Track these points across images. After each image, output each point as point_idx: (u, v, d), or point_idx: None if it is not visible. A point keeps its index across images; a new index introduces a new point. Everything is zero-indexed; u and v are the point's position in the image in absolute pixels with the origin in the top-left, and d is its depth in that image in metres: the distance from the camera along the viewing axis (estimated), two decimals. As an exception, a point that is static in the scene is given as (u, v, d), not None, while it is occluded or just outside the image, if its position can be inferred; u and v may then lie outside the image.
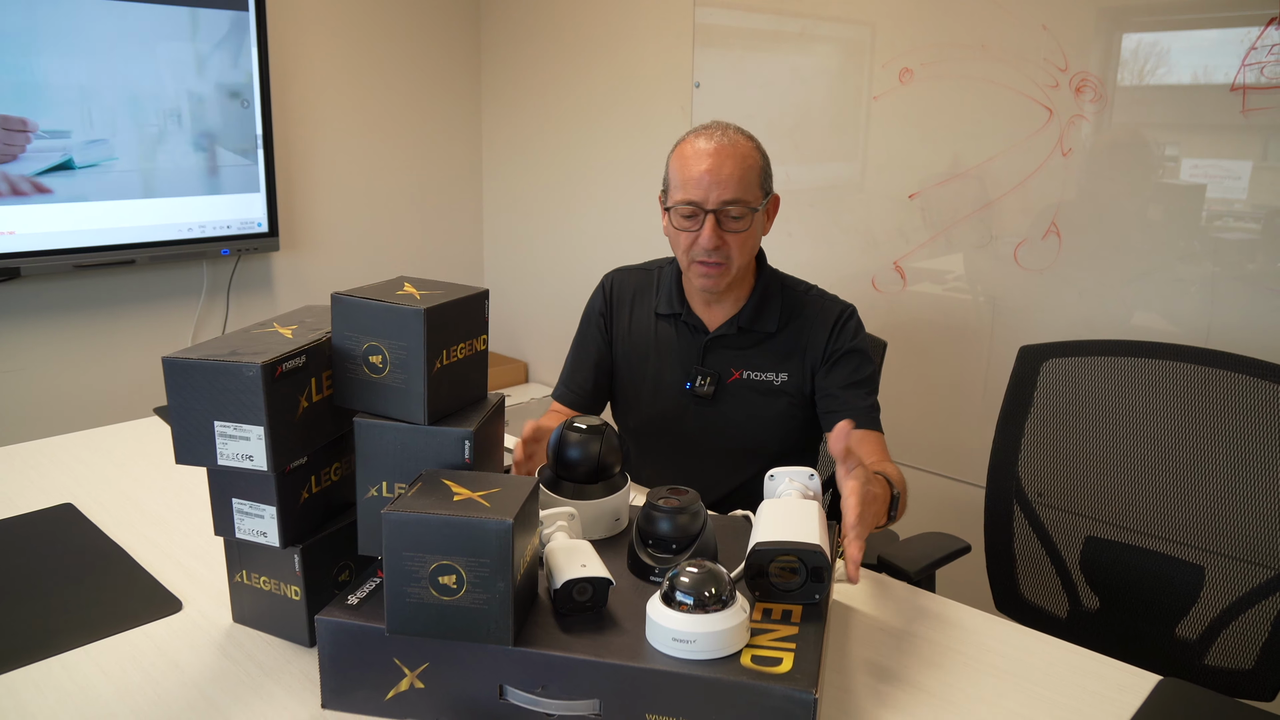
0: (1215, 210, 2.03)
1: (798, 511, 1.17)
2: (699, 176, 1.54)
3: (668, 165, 1.63)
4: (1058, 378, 1.71)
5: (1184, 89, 2.02)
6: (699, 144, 1.57)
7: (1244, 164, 1.97)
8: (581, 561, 1.06)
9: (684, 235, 1.59)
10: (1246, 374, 1.52)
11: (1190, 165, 2.05)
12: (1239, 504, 1.52)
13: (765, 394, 1.66)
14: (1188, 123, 2.04)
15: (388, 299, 1.09)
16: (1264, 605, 1.48)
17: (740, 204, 1.55)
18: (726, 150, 1.55)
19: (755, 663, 0.97)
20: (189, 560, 1.40)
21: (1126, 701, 1.11)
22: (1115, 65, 2.10)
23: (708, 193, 1.54)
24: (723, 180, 1.54)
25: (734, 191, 1.54)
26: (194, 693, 1.08)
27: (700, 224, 1.56)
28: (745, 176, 1.56)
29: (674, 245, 1.65)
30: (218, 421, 1.06)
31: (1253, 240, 1.99)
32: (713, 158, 1.54)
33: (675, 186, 1.59)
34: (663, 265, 1.79)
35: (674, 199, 1.59)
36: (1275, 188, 1.95)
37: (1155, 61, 2.06)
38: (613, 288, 1.81)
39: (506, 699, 1.00)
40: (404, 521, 0.96)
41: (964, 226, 2.41)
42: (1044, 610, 1.72)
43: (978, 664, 1.19)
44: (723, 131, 1.58)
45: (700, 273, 1.60)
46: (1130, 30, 2.08)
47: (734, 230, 1.57)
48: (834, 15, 2.60)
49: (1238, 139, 1.97)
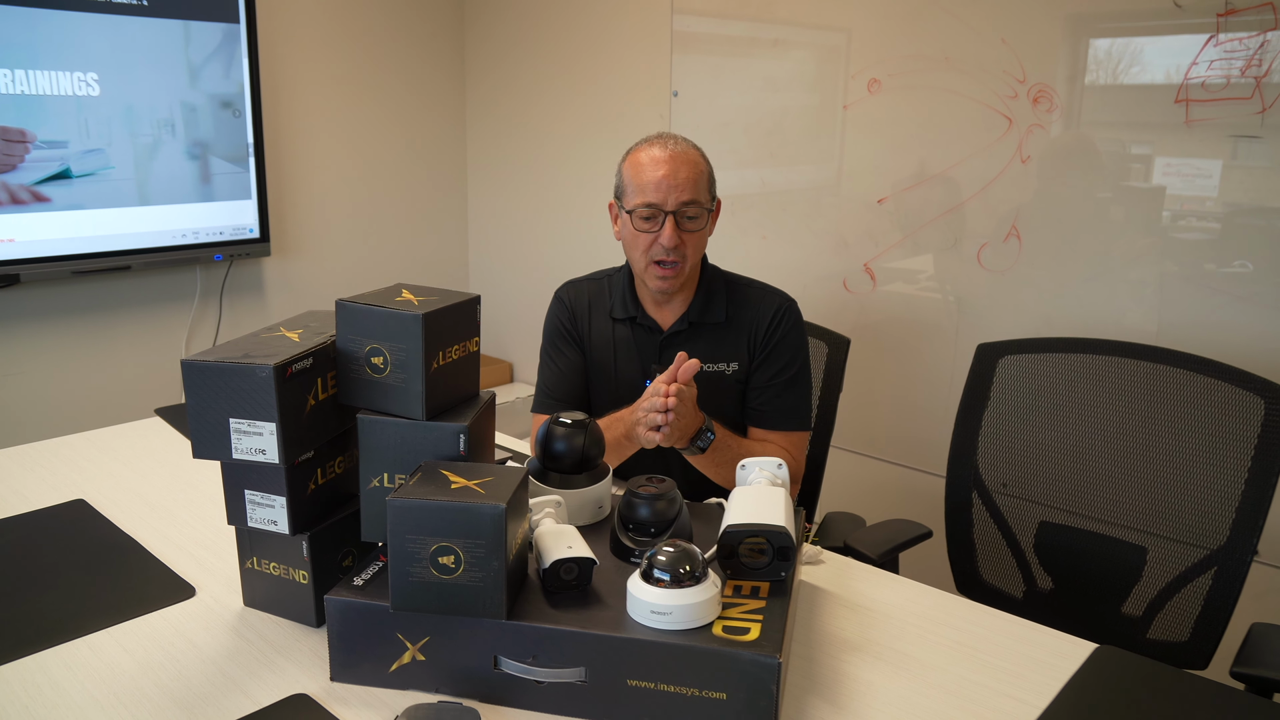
0: (1165, 213, 2.15)
1: (766, 497, 1.27)
2: (658, 181, 1.66)
3: (620, 173, 1.74)
4: (1013, 373, 1.82)
5: (1134, 99, 2.14)
6: (654, 151, 1.69)
7: (1193, 167, 2.09)
8: (568, 544, 1.16)
9: (644, 237, 1.69)
10: (1185, 369, 1.64)
11: (1142, 170, 2.17)
12: (1177, 490, 1.64)
13: (718, 384, 1.77)
14: (1139, 131, 2.16)
15: (388, 305, 1.19)
16: (1198, 582, 1.60)
17: (696, 205, 1.68)
18: (681, 157, 1.68)
19: (726, 632, 1.08)
20: (198, 550, 1.50)
21: (1065, 667, 1.23)
22: (1070, 77, 2.22)
23: (666, 195, 1.66)
24: (680, 183, 1.66)
25: (690, 193, 1.67)
26: (212, 669, 1.18)
27: (660, 225, 1.67)
28: (698, 181, 1.69)
29: (630, 248, 1.74)
30: (233, 419, 1.16)
31: (1199, 241, 2.10)
32: (669, 164, 1.67)
33: (633, 191, 1.70)
34: (610, 274, 1.89)
35: (633, 202, 1.69)
36: (1224, 190, 2.06)
37: (1107, 73, 2.17)
38: (571, 298, 1.88)
39: (500, 668, 1.10)
40: (407, 507, 1.06)
41: (930, 230, 2.52)
42: (1002, 591, 1.84)
43: (931, 636, 1.30)
44: (674, 140, 1.71)
45: (657, 274, 1.71)
46: (1083, 43, 2.20)
47: (690, 230, 1.69)
48: (809, 23, 2.71)
49: (1186, 146, 2.09)
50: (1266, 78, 1.94)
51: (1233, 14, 1.96)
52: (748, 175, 2.86)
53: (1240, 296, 2.05)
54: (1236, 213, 2.04)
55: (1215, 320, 2.09)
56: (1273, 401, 1.54)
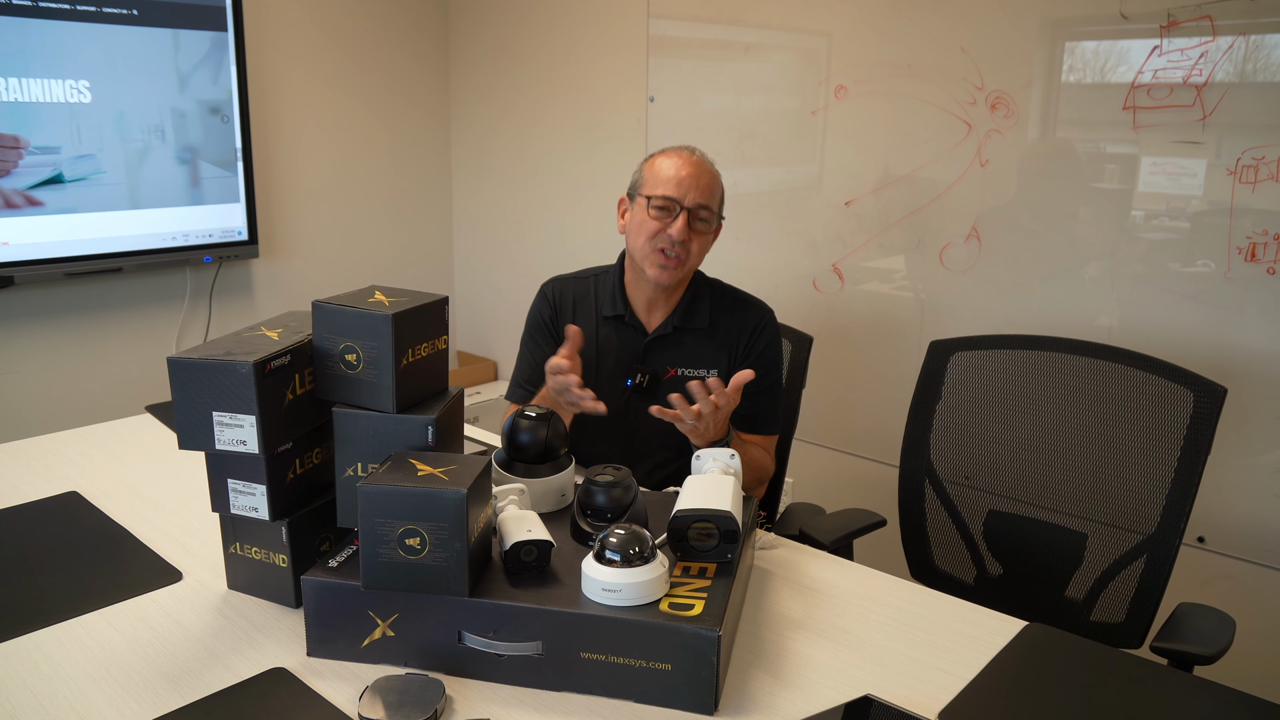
0: (1118, 214, 2.24)
1: (716, 485, 1.36)
2: (682, 178, 1.77)
3: (641, 170, 1.84)
4: (964, 369, 1.91)
5: (1086, 106, 2.24)
6: (682, 155, 1.81)
7: (1143, 171, 2.19)
8: (528, 527, 1.25)
9: (654, 224, 1.78)
10: (1124, 364, 1.73)
11: (1094, 174, 2.26)
12: (1115, 478, 1.73)
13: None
14: (1091, 136, 2.25)
15: (361, 305, 1.28)
16: (1133, 566, 1.69)
17: (709, 210, 1.80)
18: (703, 166, 1.81)
19: (672, 608, 1.17)
20: (185, 538, 1.58)
21: (995, 643, 1.31)
22: (1025, 84, 2.31)
23: (687, 192, 1.77)
24: (701, 186, 1.78)
25: (707, 198, 1.79)
26: (197, 646, 1.26)
27: (674, 217, 1.77)
28: (714, 191, 1.82)
29: (636, 235, 1.82)
30: (215, 412, 1.24)
31: (1151, 241, 2.20)
32: (694, 168, 1.79)
33: (654, 183, 1.79)
34: (598, 274, 1.97)
35: (653, 191, 1.79)
36: (1173, 192, 2.16)
37: (1061, 80, 2.27)
38: (556, 294, 1.97)
39: (464, 643, 1.19)
40: (376, 493, 1.15)
41: (895, 231, 2.61)
42: (954, 577, 1.93)
43: (872, 615, 1.39)
44: (700, 153, 1.84)
45: (659, 262, 1.79)
46: (1038, 52, 2.29)
47: (699, 231, 1.80)
48: (781, 30, 2.80)
49: (1134, 151, 2.18)
50: (1206, 87, 2.04)
51: (1174, 25, 2.05)
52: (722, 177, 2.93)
53: (1188, 295, 2.14)
54: (1185, 214, 2.14)
55: (1167, 318, 2.18)
56: (1201, 395, 1.63)
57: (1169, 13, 2.06)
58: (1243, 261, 2.05)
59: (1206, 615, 1.53)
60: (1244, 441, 2.10)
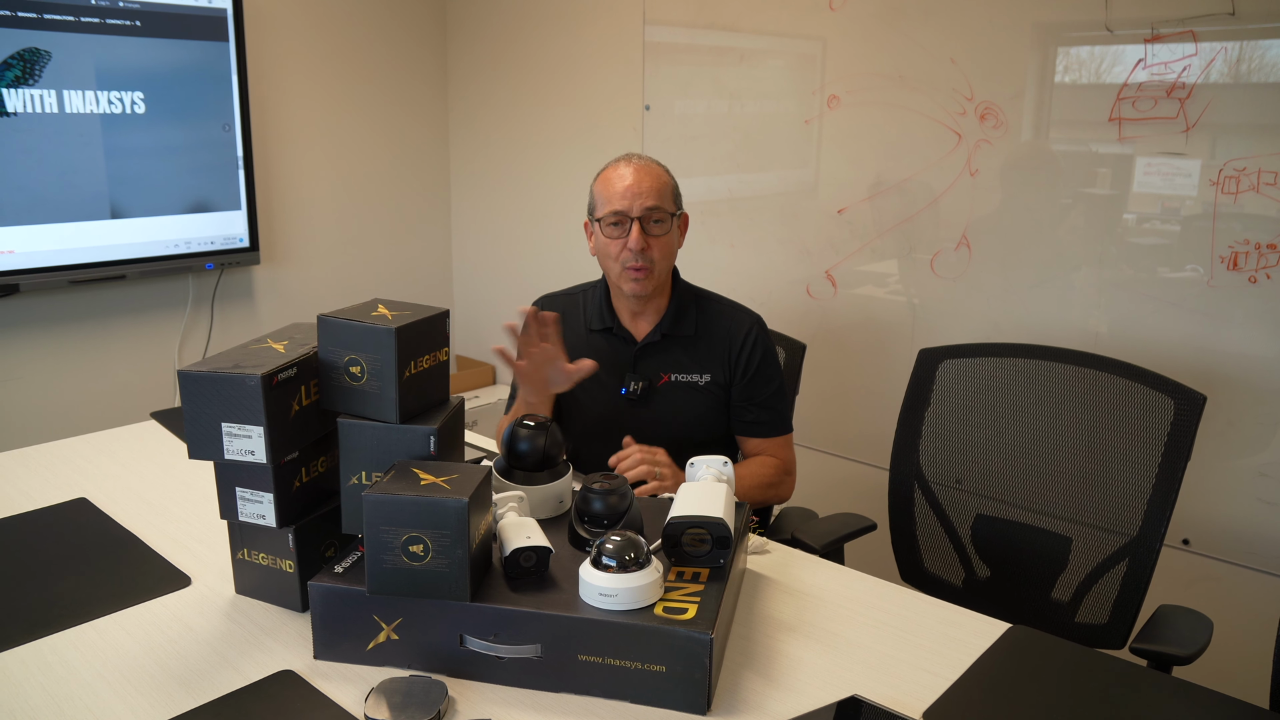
0: (1105, 223, 2.28)
1: (709, 492, 1.40)
2: (623, 191, 1.82)
3: (592, 192, 1.90)
4: (952, 377, 1.96)
5: (1073, 117, 2.28)
6: (620, 168, 1.86)
7: (1129, 182, 2.23)
8: (527, 534, 1.29)
9: (614, 244, 1.84)
10: (1107, 372, 1.77)
11: (1082, 183, 2.30)
12: (1099, 483, 1.78)
13: (691, 393, 1.91)
14: (1078, 147, 2.30)
15: (365, 319, 1.32)
16: (1116, 569, 1.73)
17: (660, 210, 1.83)
18: (643, 170, 1.85)
19: (666, 612, 1.21)
20: (193, 544, 1.62)
21: (979, 644, 1.36)
22: (1014, 95, 2.36)
23: (631, 203, 1.81)
24: (643, 192, 1.82)
25: (654, 200, 1.83)
26: (207, 649, 1.31)
27: (627, 230, 1.82)
28: (661, 190, 1.85)
29: (604, 258, 1.89)
30: (225, 423, 1.28)
31: (1139, 249, 2.24)
32: (634, 175, 1.84)
33: (602, 203, 1.86)
34: (586, 289, 2.03)
35: (602, 212, 1.85)
36: (1161, 201, 2.20)
37: (1048, 91, 2.31)
38: (546, 309, 2.02)
39: (465, 646, 1.23)
40: (381, 501, 1.19)
41: (887, 239, 2.66)
42: (943, 580, 1.97)
43: (861, 618, 1.43)
44: (638, 157, 1.88)
45: (630, 277, 1.85)
46: (1026, 64, 2.33)
47: (656, 234, 1.84)
48: (776, 41, 2.85)
49: (1120, 162, 2.23)
50: (1190, 99, 2.08)
51: (1158, 39, 2.10)
52: (716, 185, 2.99)
53: (1173, 302, 2.18)
54: (1177, 216, 2.18)
55: (1153, 324, 2.23)
56: (1182, 403, 1.67)
57: (1153, 26, 2.10)
58: (1225, 270, 2.10)
59: (1185, 617, 1.58)
60: (1228, 446, 2.14)
